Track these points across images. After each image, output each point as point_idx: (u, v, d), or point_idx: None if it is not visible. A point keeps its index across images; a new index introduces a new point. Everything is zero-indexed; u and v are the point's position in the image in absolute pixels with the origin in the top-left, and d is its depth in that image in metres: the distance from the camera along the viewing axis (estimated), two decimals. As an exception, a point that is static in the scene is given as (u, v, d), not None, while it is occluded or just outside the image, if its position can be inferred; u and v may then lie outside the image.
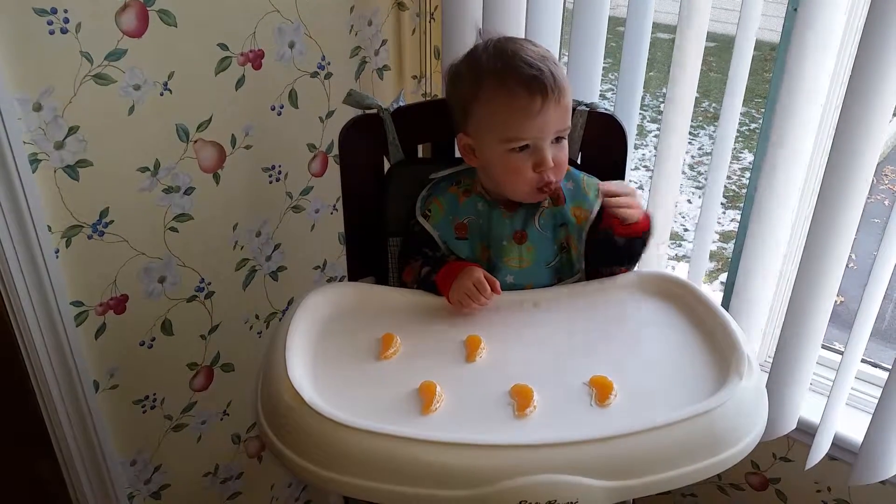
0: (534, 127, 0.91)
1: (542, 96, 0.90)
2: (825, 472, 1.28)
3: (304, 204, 1.41)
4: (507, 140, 0.93)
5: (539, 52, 0.94)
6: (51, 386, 1.14)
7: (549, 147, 0.93)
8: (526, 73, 0.90)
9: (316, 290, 0.95)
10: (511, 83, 0.90)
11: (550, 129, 0.92)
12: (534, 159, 0.93)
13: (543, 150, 0.92)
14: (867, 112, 0.98)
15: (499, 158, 0.95)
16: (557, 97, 0.91)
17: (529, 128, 0.91)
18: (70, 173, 1.07)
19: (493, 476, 0.69)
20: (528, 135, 0.92)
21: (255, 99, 1.25)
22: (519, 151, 0.93)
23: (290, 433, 0.75)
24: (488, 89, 0.92)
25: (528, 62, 0.91)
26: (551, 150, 0.93)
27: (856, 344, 1.13)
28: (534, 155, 0.93)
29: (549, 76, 0.90)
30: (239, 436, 1.49)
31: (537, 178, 0.94)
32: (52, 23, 0.98)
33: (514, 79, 0.90)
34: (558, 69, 0.92)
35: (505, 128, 0.92)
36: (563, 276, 1.01)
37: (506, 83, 0.91)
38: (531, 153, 0.93)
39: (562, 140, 0.95)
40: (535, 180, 0.94)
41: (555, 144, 0.94)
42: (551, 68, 0.91)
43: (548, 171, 0.93)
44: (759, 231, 1.16)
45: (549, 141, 0.93)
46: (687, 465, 0.72)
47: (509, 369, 0.83)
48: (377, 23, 1.42)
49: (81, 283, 1.14)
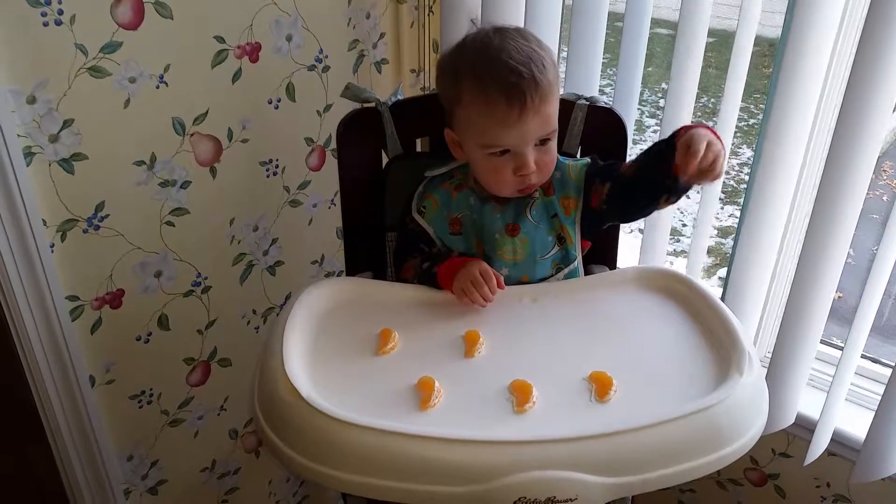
0: (512, 135, 0.90)
1: (521, 106, 0.87)
2: (825, 468, 1.28)
3: (301, 198, 1.41)
4: (485, 145, 0.92)
5: (526, 50, 0.89)
6: (46, 381, 1.13)
7: (532, 150, 0.91)
8: (505, 80, 0.87)
9: (313, 285, 0.95)
10: (490, 90, 0.88)
11: (530, 136, 0.90)
12: (514, 163, 0.92)
13: (524, 154, 0.91)
14: (867, 107, 0.98)
15: (480, 159, 0.94)
16: (538, 105, 0.88)
17: (508, 136, 0.90)
18: (65, 167, 1.06)
19: (491, 472, 0.68)
20: (506, 142, 0.91)
21: (252, 92, 1.24)
22: (499, 155, 0.92)
23: (286, 429, 0.74)
24: (467, 93, 0.90)
25: (509, 66, 0.87)
26: (535, 153, 0.91)
27: (856, 339, 1.13)
28: (514, 159, 0.92)
29: (531, 83, 0.87)
30: (236, 431, 1.48)
31: (518, 181, 0.93)
32: (47, 14, 0.97)
33: (493, 85, 0.87)
34: (544, 71, 0.88)
35: (483, 135, 0.91)
36: (561, 267, 1.00)
37: (485, 89, 0.88)
38: (512, 157, 0.92)
39: (548, 142, 0.93)
40: (515, 182, 0.94)
41: (539, 147, 0.92)
42: (534, 72, 0.87)
43: (529, 175, 0.92)
44: (758, 226, 1.15)
45: (530, 146, 0.91)
46: (687, 462, 0.71)
47: (508, 365, 0.83)
48: (375, 15, 1.41)
49: (77, 278, 1.13)
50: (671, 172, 0.83)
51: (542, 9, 1.27)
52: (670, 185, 0.86)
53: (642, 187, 0.92)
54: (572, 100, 1.06)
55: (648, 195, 0.92)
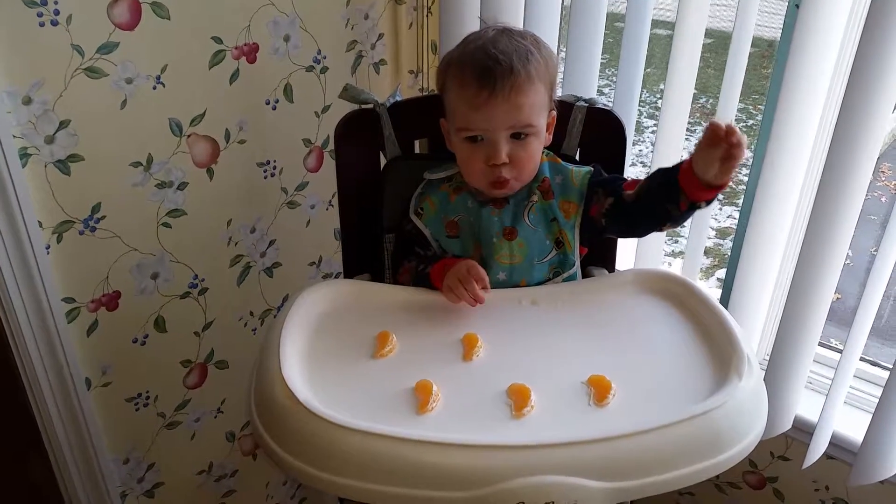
0: (479, 118, 0.90)
1: (490, 89, 0.88)
2: (823, 472, 1.27)
3: (299, 199, 1.40)
4: (459, 129, 0.93)
5: (517, 44, 0.90)
6: (42, 383, 1.12)
7: (506, 142, 0.91)
8: (482, 63, 0.88)
9: (311, 287, 0.94)
10: (466, 72, 0.90)
11: (498, 122, 0.90)
12: (486, 152, 0.92)
13: (494, 143, 0.91)
14: (867, 109, 0.98)
15: (457, 146, 0.95)
16: (508, 92, 0.88)
17: (476, 119, 0.90)
18: (61, 168, 1.06)
19: (490, 477, 0.68)
20: (475, 126, 0.91)
21: (249, 93, 1.24)
22: (473, 142, 0.93)
23: (283, 432, 0.74)
24: (450, 78, 0.93)
25: (489, 53, 0.88)
26: (508, 146, 0.91)
27: (854, 342, 1.12)
28: (486, 147, 0.92)
29: (506, 69, 0.87)
30: (233, 433, 1.48)
31: (489, 171, 0.93)
32: (43, 14, 0.97)
33: (470, 68, 0.90)
34: (526, 63, 0.88)
35: (456, 116, 0.93)
36: (559, 271, 1.00)
37: (462, 72, 0.90)
38: (485, 145, 0.92)
39: (527, 137, 0.92)
40: (487, 173, 0.93)
41: (515, 141, 0.92)
42: (513, 61, 0.88)
43: (500, 167, 0.92)
44: (758, 228, 1.15)
45: (502, 134, 0.91)
46: (686, 466, 0.71)
47: (507, 368, 0.82)
48: (374, 16, 1.40)
49: (73, 280, 1.13)
50: (676, 200, 0.85)
51: (541, 9, 1.27)
52: (673, 213, 0.88)
53: (645, 213, 0.93)
54: (571, 101, 1.06)
55: (651, 220, 0.93)
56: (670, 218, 0.90)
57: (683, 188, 0.84)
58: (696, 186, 0.82)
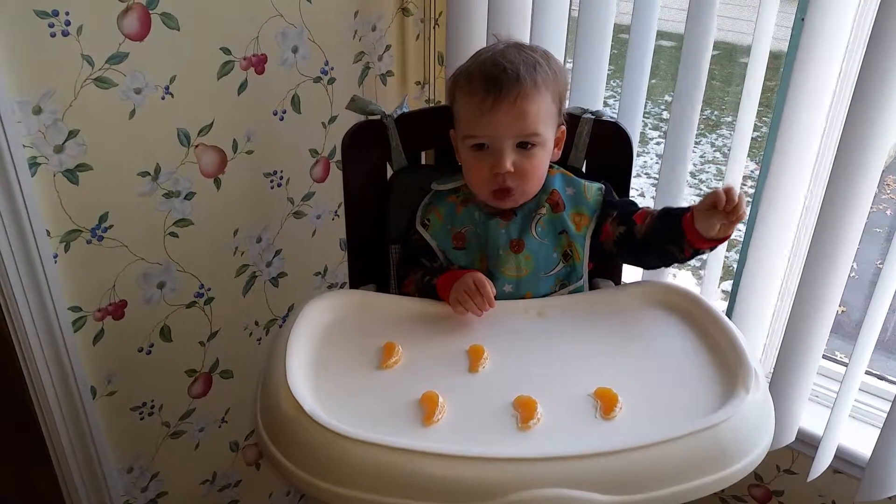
0: (484, 125, 0.91)
1: (496, 95, 0.89)
2: (829, 486, 1.26)
3: (305, 210, 1.40)
4: (465, 137, 0.94)
5: (526, 56, 0.91)
6: (47, 392, 1.13)
7: (511, 151, 0.92)
8: (489, 72, 0.90)
9: (317, 297, 0.94)
10: (474, 80, 0.91)
11: (504, 130, 0.91)
12: (490, 160, 0.92)
13: (499, 151, 0.92)
14: (872, 121, 0.98)
15: (464, 155, 0.96)
16: (514, 99, 0.89)
17: (482, 126, 0.91)
18: (70, 177, 1.06)
19: (495, 490, 0.67)
20: (480, 133, 0.92)
21: (257, 104, 1.24)
22: (479, 150, 0.93)
23: (288, 443, 0.74)
24: (459, 87, 0.94)
25: (499, 63, 0.90)
26: (513, 156, 0.92)
27: (860, 355, 1.12)
28: (491, 156, 0.92)
29: (512, 78, 0.88)
30: (237, 443, 1.47)
31: (493, 180, 0.93)
32: (54, 25, 0.98)
33: (478, 76, 0.91)
34: (534, 73, 0.89)
35: (462, 124, 0.95)
36: (566, 284, 1.00)
37: (471, 80, 0.92)
38: (489, 153, 0.93)
39: (532, 148, 0.92)
40: (491, 182, 0.94)
41: (520, 150, 0.92)
42: (520, 70, 0.89)
43: (504, 176, 0.92)
44: (763, 240, 1.15)
45: (507, 143, 0.91)
46: (693, 480, 0.71)
47: (513, 380, 0.82)
48: (381, 28, 1.41)
49: (80, 289, 1.13)
50: (681, 245, 0.89)
51: (548, 20, 1.27)
52: (679, 256, 0.92)
53: (652, 251, 0.95)
54: (578, 114, 1.06)
55: (657, 259, 0.97)
56: (676, 259, 0.94)
57: (687, 236, 0.87)
58: (698, 237, 0.86)
